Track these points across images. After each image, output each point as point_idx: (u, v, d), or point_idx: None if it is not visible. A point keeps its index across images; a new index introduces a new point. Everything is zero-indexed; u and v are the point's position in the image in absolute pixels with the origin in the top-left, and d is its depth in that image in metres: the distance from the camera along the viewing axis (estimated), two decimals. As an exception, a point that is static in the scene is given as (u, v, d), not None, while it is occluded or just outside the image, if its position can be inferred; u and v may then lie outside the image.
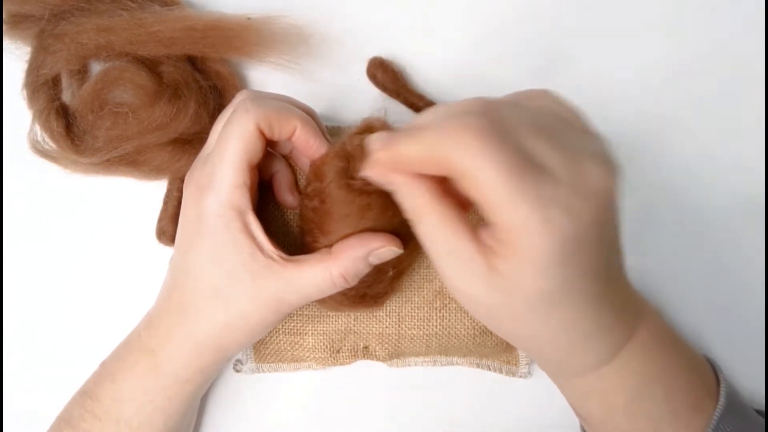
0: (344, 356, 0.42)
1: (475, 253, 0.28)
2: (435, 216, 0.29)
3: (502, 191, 0.26)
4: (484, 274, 0.28)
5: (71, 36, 0.41)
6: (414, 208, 0.30)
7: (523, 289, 0.27)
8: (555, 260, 0.26)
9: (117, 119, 0.41)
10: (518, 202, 0.25)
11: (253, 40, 0.43)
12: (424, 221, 0.29)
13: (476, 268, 0.28)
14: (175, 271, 0.37)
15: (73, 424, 0.36)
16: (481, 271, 0.28)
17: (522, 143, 0.26)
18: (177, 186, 0.43)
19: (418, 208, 0.29)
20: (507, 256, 0.27)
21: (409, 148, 0.28)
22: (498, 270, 0.27)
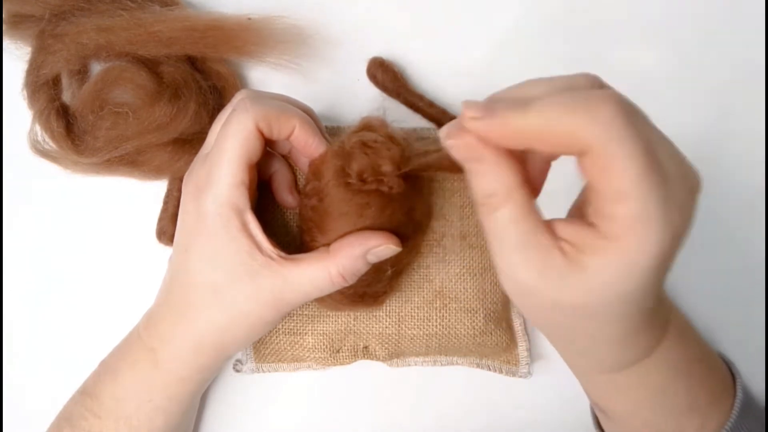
0: (344, 356, 0.42)
1: (553, 246, 0.26)
2: (516, 204, 0.26)
3: (636, 179, 0.23)
4: (560, 270, 0.26)
5: (71, 36, 0.41)
6: (497, 192, 0.26)
7: (608, 288, 0.25)
8: (658, 262, 0.24)
9: (117, 119, 0.41)
10: (649, 195, 0.23)
11: (253, 41, 0.43)
12: (502, 209, 0.26)
13: (551, 263, 0.26)
14: (175, 270, 0.37)
15: (73, 423, 0.36)
16: (556, 267, 0.26)
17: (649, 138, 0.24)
18: (177, 186, 0.43)
19: (502, 191, 0.26)
20: (604, 252, 0.25)
21: (527, 118, 0.24)
22: (582, 265, 0.25)
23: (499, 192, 0.26)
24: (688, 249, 0.45)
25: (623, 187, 0.23)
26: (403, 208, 0.35)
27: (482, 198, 0.27)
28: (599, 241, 0.25)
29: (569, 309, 0.27)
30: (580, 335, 0.29)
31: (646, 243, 0.24)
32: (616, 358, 0.31)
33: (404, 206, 0.35)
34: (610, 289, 0.25)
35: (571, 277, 0.25)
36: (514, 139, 0.25)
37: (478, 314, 0.42)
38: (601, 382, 0.34)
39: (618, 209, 0.24)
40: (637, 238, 0.24)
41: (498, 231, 0.27)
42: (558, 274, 0.26)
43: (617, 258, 0.25)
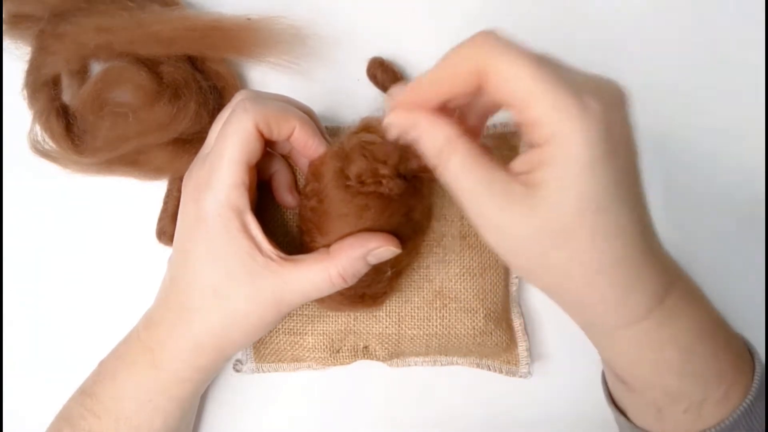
0: (344, 356, 0.42)
1: (510, 179, 0.27)
2: (463, 152, 0.28)
3: (535, 81, 0.25)
4: (524, 197, 0.27)
5: (71, 36, 0.41)
6: (441, 148, 0.28)
7: (569, 197, 0.26)
8: (599, 152, 0.25)
9: (117, 119, 0.41)
10: (554, 90, 0.25)
11: (253, 41, 0.43)
12: (453, 159, 0.28)
13: (515, 193, 0.27)
14: (174, 270, 0.37)
15: (73, 423, 0.36)
16: (520, 195, 0.27)
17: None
18: (177, 186, 0.43)
19: (445, 146, 0.28)
20: (549, 160, 0.26)
21: (434, 73, 0.28)
22: (539, 185, 0.26)
23: (443, 145, 0.28)
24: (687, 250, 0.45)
25: (528, 92, 0.26)
26: (402, 210, 0.35)
27: (434, 158, 0.29)
28: (541, 151, 0.26)
29: (547, 236, 0.27)
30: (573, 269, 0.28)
31: (572, 130, 0.25)
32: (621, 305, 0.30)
33: (404, 207, 0.35)
34: (572, 195, 0.26)
35: (536, 199, 0.27)
36: (430, 95, 0.29)
37: (478, 314, 0.42)
38: (615, 343, 0.32)
39: (534, 110, 0.26)
40: (563, 128, 0.25)
41: (457, 181, 0.28)
42: (522, 202, 0.27)
43: (558, 157, 0.26)
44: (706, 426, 0.32)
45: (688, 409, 0.32)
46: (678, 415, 0.32)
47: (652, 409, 0.33)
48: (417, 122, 0.29)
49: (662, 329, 0.31)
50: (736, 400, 0.32)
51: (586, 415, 0.45)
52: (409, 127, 0.30)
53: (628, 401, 0.36)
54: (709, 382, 0.32)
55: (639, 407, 0.35)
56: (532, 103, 0.26)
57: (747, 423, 0.32)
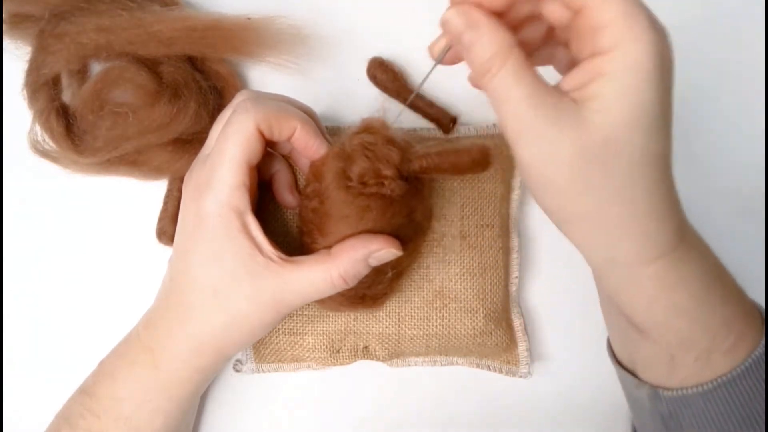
0: (344, 356, 0.42)
1: (562, 95, 0.27)
2: (518, 60, 0.27)
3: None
4: (574, 111, 0.27)
5: (71, 36, 0.41)
6: (496, 53, 0.27)
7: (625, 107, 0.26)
8: (660, 67, 0.26)
9: (117, 119, 0.41)
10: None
11: (253, 41, 0.43)
12: (506, 66, 0.27)
13: (564, 107, 0.27)
14: (175, 271, 0.37)
15: (72, 422, 0.36)
16: (570, 108, 0.27)
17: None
18: (177, 186, 0.44)
19: (501, 51, 0.27)
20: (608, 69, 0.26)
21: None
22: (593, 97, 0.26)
23: (499, 51, 0.27)
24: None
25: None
26: (403, 211, 0.35)
27: (484, 64, 0.27)
28: (600, 61, 0.26)
29: (595, 151, 0.27)
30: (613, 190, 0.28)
31: (641, 37, 0.25)
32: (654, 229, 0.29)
33: (405, 209, 0.35)
34: (626, 106, 0.26)
35: (588, 111, 0.26)
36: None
37: (478, 314, 0.42)
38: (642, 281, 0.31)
39: (605, 12, 0.26)
40: (632, 33, 0.26)
41: (505, 90, 0.27)
42: (573, 115, 0.26)
43: (621, 63, 0.26)
44: (714, 375, 0.32)
45: (699, 357, 0.32)
46: (689, 362, 0.32)
47: (664, 357, 0.33)
48: (477, 21, 0.28)
49: (680, 268, 0.31)
50: (745, 352, 0.32)
51: (585, 414, 0.45)
52: (467, 25, 0.28)
53: (641, 353, 0.35)
54: (718, 330, 0.32)
55: (651, 356, 0.34)
56: (604, 4, 0.26)
57: (755, 374, 0.32)
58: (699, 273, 0.31)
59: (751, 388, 0.32)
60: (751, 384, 0.32)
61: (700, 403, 0.33)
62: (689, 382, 0.33)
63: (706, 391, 0.32)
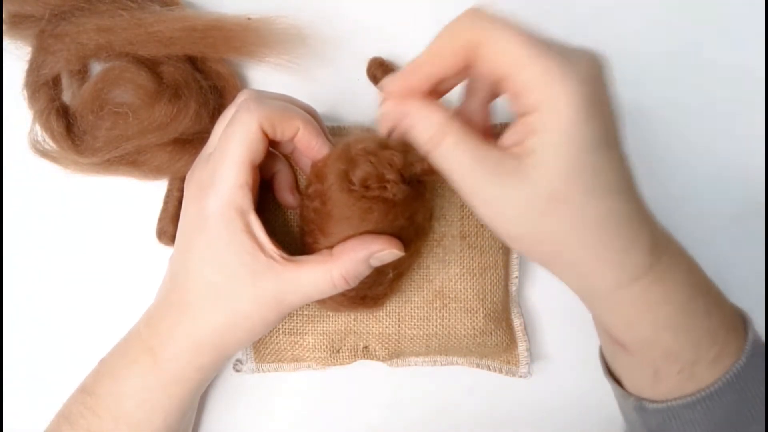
0: (344, 356, 0.42)
1: (500, 153, 0.28)
2: (456, 131, 0.29)
3: (525, 48, 0.27)
4: (516, 168, 0.28)
5: (71, 36, 0.41)
6: (434, 131, 0.29)
7: (560, 158, 0.27)
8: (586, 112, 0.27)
9: (117, 119, 0.41)
10: (542, 56, 0.27)
11: (253, 41, 0.43)
12: (445, 141, 0.29)
13: (507, 165, 0.28)
14: (176, 269, 0.37)
15: (72, 421, 0.36)
16: (512, 166, 0.28)
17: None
18: (177, 186, 0.43)
19: (439, 127, 0.29)
20: (538, 126, 0.27)
21: (426, 52, 0.30)
22: (529, 153, 0.27)
23: (435, 129, 0.29)
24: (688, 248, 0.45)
25: (517, 55, 0.27)
26: (405, 213, 0.35)
27: (426, 144, 0.30)
28: (530, 119, 0.27)
29: (542, 203, 0.28)
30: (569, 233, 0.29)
31: (561, 92, 0.26)
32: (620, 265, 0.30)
33: (407, 211, 0.35)
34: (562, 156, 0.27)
35: (527, 167, 0.28)
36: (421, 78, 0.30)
37: (478, 314, 0.42)
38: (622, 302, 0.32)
39: (523, 77, 0.27)
40: (551, 91, 0.27)
41: (449, 161, 0.29)
42: (515, 173, 0.28)
43: (547, 121, 0.27)
44: (698, 387, 0.32)
45: (682, 370, 0.32)
46: (672, 375, 0.33)
47: (649, 371, 0.34)
48: (409, 110, 0.30)
49: (658, 286, 0.31)
50: (729, 362, 0.32)
51: (585, 414, 0.45)
52: (401, 115, 0.30)
53: (625, 366, 0.36)
54: (701, 341, 0.32)
55: (636, 371, 0.35)
56: (523, 69, 0.27)
57: (738, 386, 0.32)
58: (680, 287, 0.32)
59: (734, 399, 0.32)
60: (735, 395, 0.32)
61: (686, 415, 0.33)
62: (673, 394, 0.33)
63: (691, 403, 0.32)
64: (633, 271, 0.30)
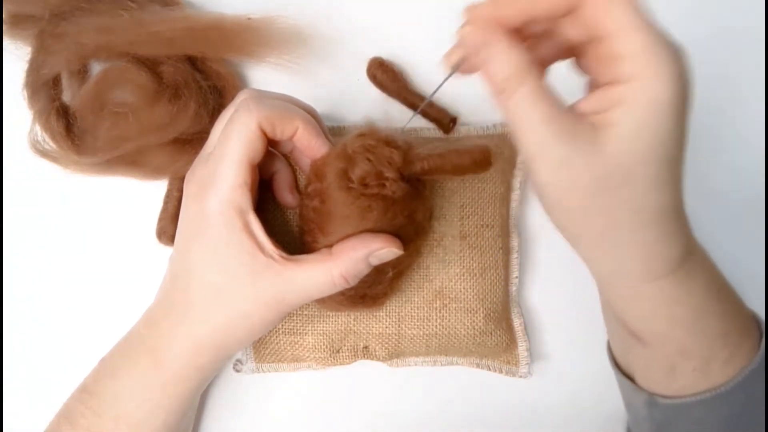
0: (344, 356, 0.42)
1: (578, 120, 0.27)
2: (535, 81, 0.27)
3: (634, 11, 0.26)
4: (591, 135, 0.26)
5: (71, 36, 0.41)
6: (512, 73, 0.27)
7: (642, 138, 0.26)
8: (680, 99, 0.26)
9: (117, 119, 0.41)
10: (650, 28, 0.26)
11: (253, 41, 0.43)
12: (523, 87, 0.27)
13: (581, 130, 0.27)
14: (175, 269, 0.37)
15: (73, 421, 0.36)
16: (587, 132, 0.27)
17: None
18: (177, 186, 0.43)
19: (517, 72, 0.27)
20: (627, 99, 0.26)
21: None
22: (611, 124, 0.26)
23: (516, 72, 0.27)
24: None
25: (625, 18, 0.26)
26: (405, 212, 0.35)
27: (500, 83, 0.27)
28: (619, 89, 0.26)
29: (610, 177, 0.27)
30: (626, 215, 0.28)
31: (662, 70, 0.25)
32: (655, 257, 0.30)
33: (406, 209, 0.35)
34: (644, 137, 0.26)
35: (605, 138, 0.26)
36: (515, 9, 0.27)
37: (478, 314, 0.42)
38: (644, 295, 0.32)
39: (626, 42, 0.26)
40: (653, 66, 0.25)
41: (523, 111, 0.27)
42: (590, 140, 0.26)
43: (640, 96, 0.26)
44: (711, 385, 0.33)
45: (697, 367, 0.33)
46: (687, 372, 0.33)
47: (664, 365, 0.34)
48: (493, 41, 0.27)
49: (680, 285, 0.31)
50: (743, 362, 0.32)
51: (585, 414, 0.45)
52: (483, 44, 0.27)
53: (641, 360, 0.36)
54: (714, 342, 0.32)
55: (651, 365, 0.35)
56: (628, 35, 0.26)
57: (749, 388, 0.32)
58: (700, 288, 0.32)
59: (743, 401, 0.33)
60: (744, 396, 0.33)
61: (695, 412, 0.33)
62: (686, 391, 0.33)
63: (703, 400, 0.33)
64: (664, 267, 0.30)
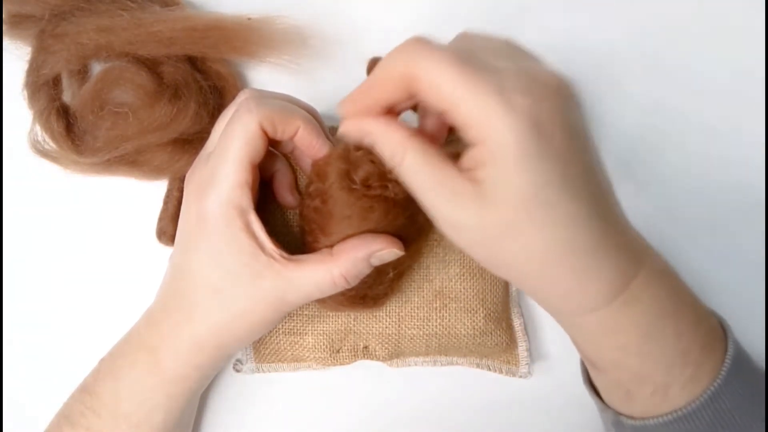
0: (344, 356, 0.42)
1: (458, 176, 0.28)
2: (415, 151, 0.29)
3: (457, 84, 0.26)
4: (472, 193, 0.28)
5: (71, 36, 0.41)
6: (395, 149, 0.30)
7: (509, 193, 0.27)
8: (530, 147, 0.26)
9: (117, 119, 0.41)
10: (475, 91, 0.26)
11: (254, 41, 0.43)
12: (407, 159, 0.29)
13: (463, 190, 0.28)
14: (176, 269, 0.37)
15: (73, 421, 0.36)
16: (468, 192, 0.28)
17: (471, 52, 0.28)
18: (177, 186, 0.43)
19: (398, 147, 0.29)
20: (485, 159, 0.27)
21: (367, 82, 0.30)
22: (481, 182, 0.27)
23: (396, 149, 0.29)
24: (689, 247, 0.45)
25: (450, 92, 0.26)
26: (406, 213, 0.35)
27: (389, 161, 0.30)
28: (477, 151, 0.27)
29: (498, 231, 0.28)
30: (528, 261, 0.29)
31: (499, 130, 0.26)
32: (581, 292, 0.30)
33: (407, 210, 0.35)
34: (511, 190, 0.27)
35: (481, 195, 0.27)
36: (370, 103, 0.30)
37: (478, 314, 0.42)
38: (579, 328, 0.33)
39: (461, 114, 0.27)
40: (490, 129, 0.26)
41: (410, 179, 0.30)
42: (472, 199, 0.28)
43: (492, 157, 0.27)
44: (672, 407, 0.32)
45: (655, 392, 0.32)
46: (645, 396, 0.33)
47: (621, 390, 0.34)
48: (368, 129, 0.30)
49: (622, 314, 0.31)
50: (706, 383, 0.32)
51: (585, 415, 0.45)
52: (362, 133, 0.31)
53: (599, 382, 0.36)
54: (673, 364, 0.32)
55: (609, 388, 0.35)
56: (459, 106, 0.27)
57: (714, 407, 0.32)
58: (646, 314, 0.31)
59: (711, 417, 0.32)
60: (711, 413, 0.32)
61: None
62: (648, 413, 0.33)
63: (665, 422, 0.32)
64: (593, 302, 0.30)
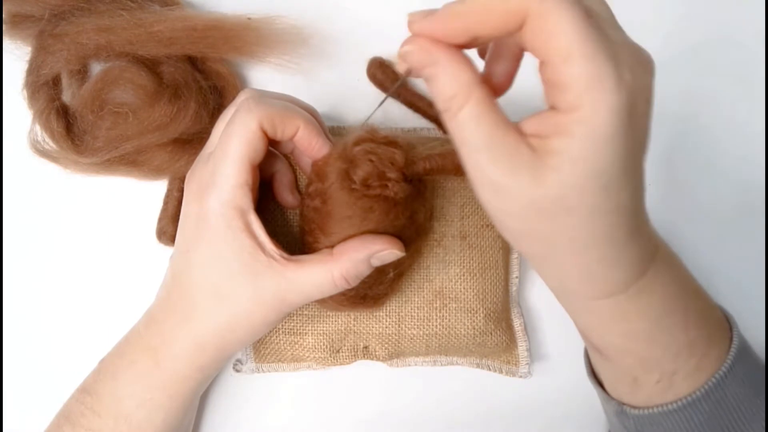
0: (344, 356, 0.42)
1: (520, 140, 0.26)
2: (478, 101, 0.26)
3: (578, 37, 0.23)
4: (530, 161, 0.25)
5: (71, 36, 0.41)
6: (459, 91, 0.26)
7: (580, 172, 0.25)
8: (621, 127, 0.24)
9: (117, 119, 0.41)
10: (594, 52, 0.23)
11: (254, 41, 0.43)
12: (467, 107, 0.26)
13: (521, 156, 0.25)
14: (176, 269, 0.37)
15: (73, 421, 0.36)
16: (526, 159, 0.25)
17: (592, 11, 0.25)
18: (177, 186, 0.43)
19: (463, 89, 0.26)
20: (569, 129, 0.24)
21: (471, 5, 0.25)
22: (551, 153, 0.25)
23: (459, 91, 0.26)
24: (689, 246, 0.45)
25: (567, 45, 0.24)
26: (406, 212, 0.35)
27: (444, 102, 0.26)
28: (561, 118, 0.25)
29: (546, 205, 0.26)
30: (563, 241, 0.28)
31: (602, 103, 0.24)
32: (604, 278, 0.30)
33: (407, 210, 0.35)
34: (581, 169, 0.25)
35: (542, 167, 0.25)
36: (458, 28, 0.26)
37: (478, 314, 0.42)
38: (590, 312, 0.32)
39: (568, 72, 0.24)
40: (593, 98, 0.24)
41: (464, 132, 0.26)
42: (528, 168, 0.25)
43: (580, 129, 0.24)
44: (676, 396, 0.32)
45: (661, 380, 0.32)
46: (651, 383, 0.33)
47: (627, 377, 0.34)
48: (438, 58, 0.26)
49: (634, 301, 0.31)
50: (710, 372, 0.32)
51: (585, 415, 0.45)
52: (427, 61, 0.26)
53: (604, 371, 0.36)
54: (679, 353, 0.32)
55: (615, 376, 0.35)
56: (570, 64, 0.24)
57: (718, 395, 0.32)
58: (657, 303, 0.31)
59: (713, 408, 0.32)
60: (714, 404, 0.32)
61: (665, 423, 0.33)
62: (653, 401, 0.33)
63: (669, 411, 0.32)
64: (610, 288, 0.30)
